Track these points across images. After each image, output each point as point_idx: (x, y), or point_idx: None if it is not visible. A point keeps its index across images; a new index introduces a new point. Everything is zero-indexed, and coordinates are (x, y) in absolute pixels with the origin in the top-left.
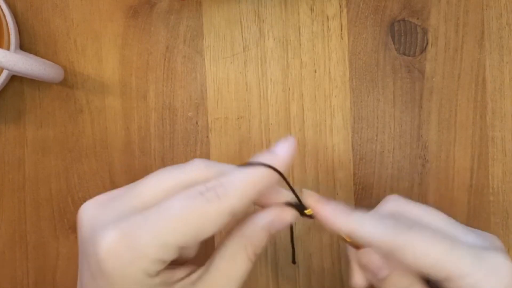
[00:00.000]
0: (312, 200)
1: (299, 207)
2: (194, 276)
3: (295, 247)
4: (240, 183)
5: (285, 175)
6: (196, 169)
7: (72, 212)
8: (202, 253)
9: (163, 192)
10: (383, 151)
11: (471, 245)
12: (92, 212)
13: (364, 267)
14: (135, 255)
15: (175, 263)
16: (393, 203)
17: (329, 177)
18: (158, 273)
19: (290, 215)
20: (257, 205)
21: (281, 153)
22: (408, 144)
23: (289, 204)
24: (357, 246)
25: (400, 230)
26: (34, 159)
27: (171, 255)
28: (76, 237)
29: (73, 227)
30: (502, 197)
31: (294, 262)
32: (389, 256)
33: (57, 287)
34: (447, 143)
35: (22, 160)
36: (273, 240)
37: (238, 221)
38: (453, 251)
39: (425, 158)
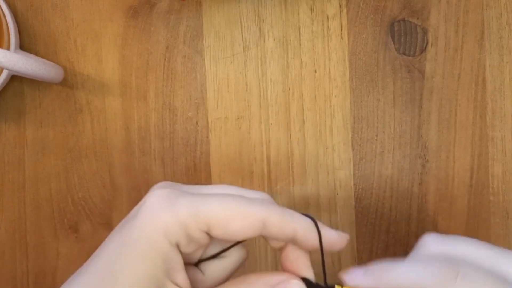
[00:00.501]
0: (347, 277)
1: (312, 285)
2: None
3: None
4: (285, 210)
5: (325, 257)
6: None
7: (72, 212)
8: None
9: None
10: (383, 151)
11: None
12: (161, 192)
13: None
14: (168, 207)
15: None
16: (432, 244)
17: (329, 177)
18: (176, 246)
19: (294, 285)
20: (279, 251)
21: (335, 233)
22: (408, 144)
23: (305, 280)
24: None
25: (449, 278)
26: (34, 159)
27: (195, 232)
28: (76, 237)
29: (73, 227)
30: (502, 197)
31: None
32: None
33: (57, 287)
34: (447, 143)
35: (22, 160)
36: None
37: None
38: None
39: (425, 158)
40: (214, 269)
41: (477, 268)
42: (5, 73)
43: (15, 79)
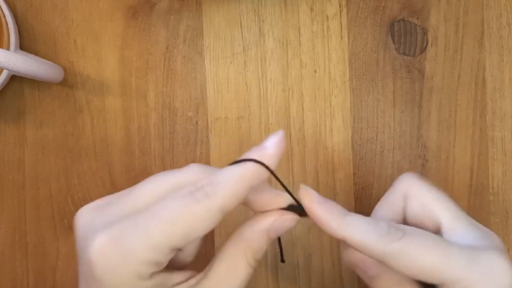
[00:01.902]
0: (307, 200)
1: (298, 208)
2: (192, 281)
3: (283, 246)
4: (228, 180)
5: (275, 169)
6: (191, 173)
7: (72, 212)
8: (202, 258)
9: (157, 196)
10: (383, 151)
11: (468, 245)
12: (86, 217)
13: (354, 265)
14: (124, 258)
15: (173, 267)
16: (408, 182)
17: (329, 177)
18: (151, 275)
19: (290, 219)
20: (255, 209)
21: (270, 147)
22: (408, 144)
23: (288, 208)
24: None
25: (393, 237)
26: (34, 159)
27: (163, 257)
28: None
29: (73, 227)
30: (502, 197)
31: (283, 260)
32: (383, 263)
33: (57, 287)
34: (447, 143)
35: (22, 160)
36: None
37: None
38: (447, 256)
39: (425, 158)
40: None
41: (421, 230)
42: (5, 73)
43: (15, 79)
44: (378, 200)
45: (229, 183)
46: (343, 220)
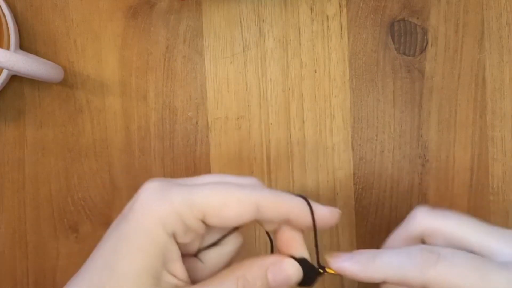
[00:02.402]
0: (334, 262)
1: (306, 264)
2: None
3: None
4: (276, 193)
5: (318, 233)
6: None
7: (72, 212)
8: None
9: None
10: (383, 151)
11: (507, 261)
12: (152, 184)
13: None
14: (162, 198)
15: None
16: (421, 220)
17: (329, 177)
18: (174, 241)
19: (291, 267)
20: (270, 232)
21: (327, 209)
22: (408, 144)
23: (299, 261)
24: None
25: (429, 262)
26: (34, 159)
27: (193, 220)
28: (76, 237)
29: (73, 227)
30: (502, 197)
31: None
32: None
33: (57, 287)
34: (447, 143)
35: (22, 160)
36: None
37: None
38: (487, 280)
39: (425, 158)
40: (212, 257)
41: (456, 251)
42: (5, 73)
43: (15, 79)
44: (378, 200)
45: (275, 193)
46: (374, 264)
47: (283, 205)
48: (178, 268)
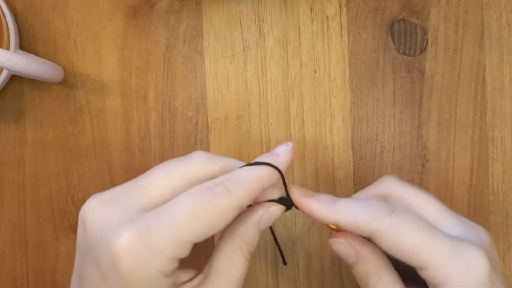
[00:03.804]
0: (297, 195)
1: (286, 201)
2: (195, 282)
3: (282, 248)
4: (247, 179)
5: (284, 175)
6: (200, 162)
7: (72, 212)
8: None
9: (171, 187)
10: (383, 151)
11: (454, 236)
12: (98, 212)
13: (338, 253)
14: (151, 254)
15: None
16: (387, 184)
17: (329, 177)
18: (172, 272)
19: (277, 209)
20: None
21: (282, 155)
22: (408, 144)
23: (276, 200)
24: (336, 229)
25: (382, 214)
26: (34, 159)
27: (185, 252)
28: (76, 237)
29: (73, 227)
30: (502, 197)
31: (285, 263)
32: (371, 240)
33: (57, 287)
34: (447, 143)
35: (22, 160)
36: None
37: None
38: (432, 241)
39: (425, 158)
40: None
41: (411, 212)
42: (5, 73)
43: (15, 79)
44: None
45: (248, 182)
46: (333, 205)
47: (258, 188)
48: (184, 271)
